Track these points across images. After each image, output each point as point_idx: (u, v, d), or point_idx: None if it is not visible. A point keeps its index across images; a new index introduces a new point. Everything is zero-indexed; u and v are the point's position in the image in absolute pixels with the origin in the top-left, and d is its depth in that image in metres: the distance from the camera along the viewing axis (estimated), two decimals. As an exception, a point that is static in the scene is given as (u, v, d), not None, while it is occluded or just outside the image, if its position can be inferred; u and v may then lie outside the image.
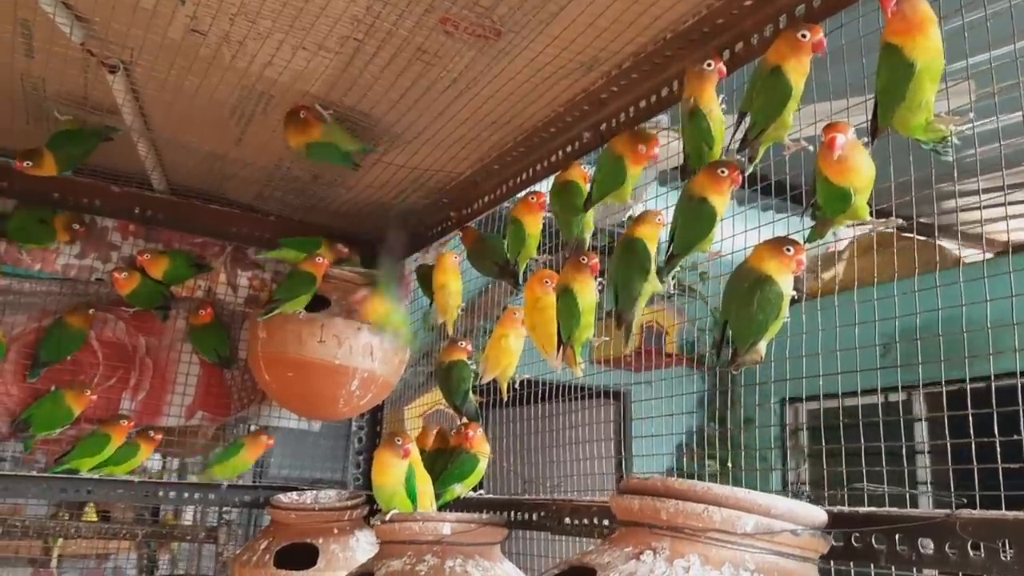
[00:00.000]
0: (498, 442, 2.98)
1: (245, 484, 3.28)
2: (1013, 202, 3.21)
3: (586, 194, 2.05)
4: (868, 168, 1.41)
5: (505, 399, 2.43)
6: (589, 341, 2.05)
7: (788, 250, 1.51)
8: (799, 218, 1.82)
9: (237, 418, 3.30)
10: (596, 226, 2.17)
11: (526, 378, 2.45)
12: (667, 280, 1.85)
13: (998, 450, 1.47)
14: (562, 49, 1.92)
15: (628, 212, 3.55)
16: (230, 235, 3.24)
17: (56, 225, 2.86)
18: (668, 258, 1.76)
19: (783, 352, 1.80)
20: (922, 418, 4.05)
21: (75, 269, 3.05)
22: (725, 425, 5.19)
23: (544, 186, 2.38)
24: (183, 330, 3.16)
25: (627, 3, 1.73)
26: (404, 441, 2.17)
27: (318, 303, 2.84)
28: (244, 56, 2.09)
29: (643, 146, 1.86)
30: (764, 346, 1.56)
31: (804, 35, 1.48)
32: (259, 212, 3.26)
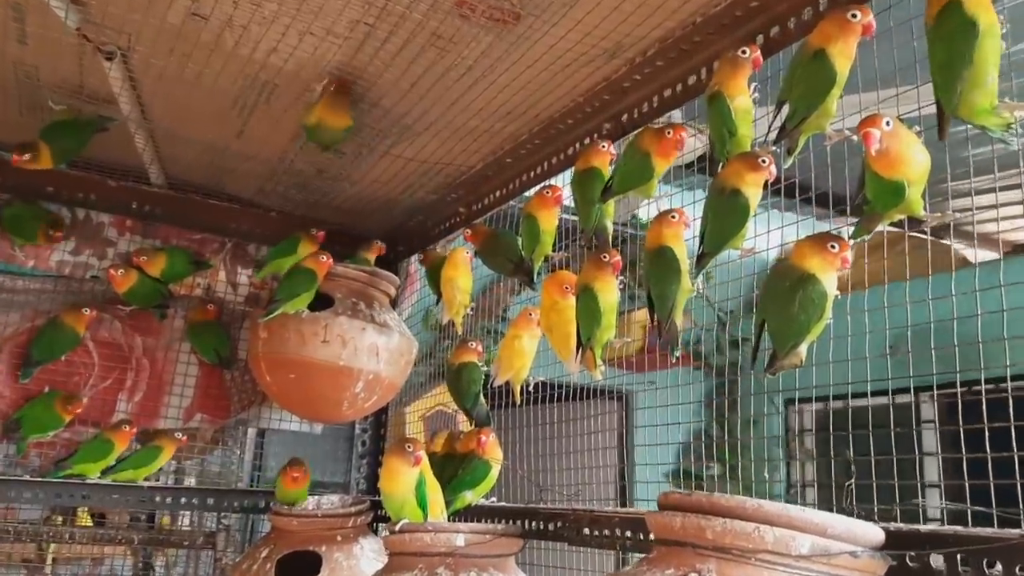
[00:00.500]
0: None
1: (243, 489, 3.19)
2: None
3: (605, 179, 1.96)
4: (921, 158, 1.31)
5: (518, 402, 2.33)
6: (609, 342, 1.95)
7: (832, 247, 1.41)
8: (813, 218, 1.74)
9: (237, 420, 3.20)
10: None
11: (540, 380, 2.35)
12: (695, 280, 1.76)
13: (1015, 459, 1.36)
14: (584, 34, 1.82)
15: (634, 209, 3.46)
16: (230, 231, 3.15)
17: (40, 225, 2.76)
18: (699, 257, 1.66)
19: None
20: (935, 424, 3.95)
21: (70, 266, 2.95)
22: (729, 427, 5.10)
23: (560, 180, 2.28)
24: (181, 329, 3.06)
25: (656, -15, 1.64)
26: (415, 448, 2.06)
27: (322, 302, 2.73)
28: (248, 42, 1.99)
29: (669, 131, 1.75)
30: (805, 349, 1.46)
31: (855, 15, 1.38)
32: (260, 208, 3.17)
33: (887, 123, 1.29)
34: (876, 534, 1.16)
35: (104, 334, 2.96)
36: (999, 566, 1.11)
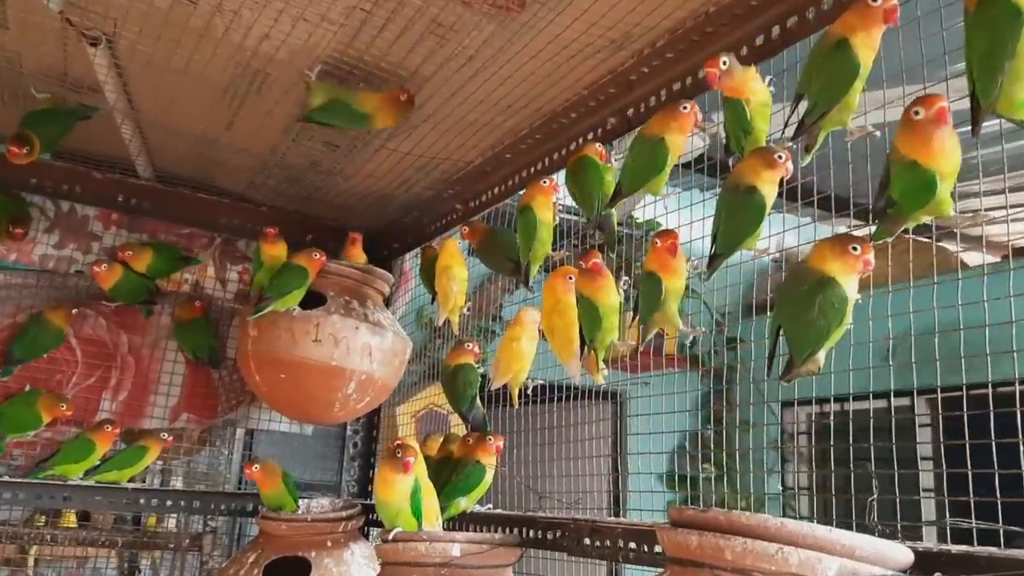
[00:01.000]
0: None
1: (231, 492, 3.10)
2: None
3: (602, 168, 1.90)
4: (957, 153, 1.23)
5: (516, 405, 2.25)
6: (612, 344, 1.88)
7: (854, 249, 1.33)
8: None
9: (224, 420, 3.12)
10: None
11: (539, 383, 2.26)
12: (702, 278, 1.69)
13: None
14: (591, 24, 1.74)
15: (631, 210, 3.38)
16: (219, 226, 3.06)
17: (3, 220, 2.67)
18: (711, 258, 1.58)
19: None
20: (938, 426, 3.89)
21: (53, 260, 2.86)
22: (723, 428, 5.04)
23: (560, 178, 2.19)
24: (168, 327, 2.97)
25: (667, -28, 1.56)
26: (404, 453, 1.95)
27: (313, 300, 2.65)
28: (239, 28, 1.90)
29: (685, 105, 1.67)
30: (823, 356, 1.39)
31: (875, 0, 1.30)
32: (251, 202, 3.09)
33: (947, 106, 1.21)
34: (905, 556, 1.09)
35: (88, 331, 2.87)
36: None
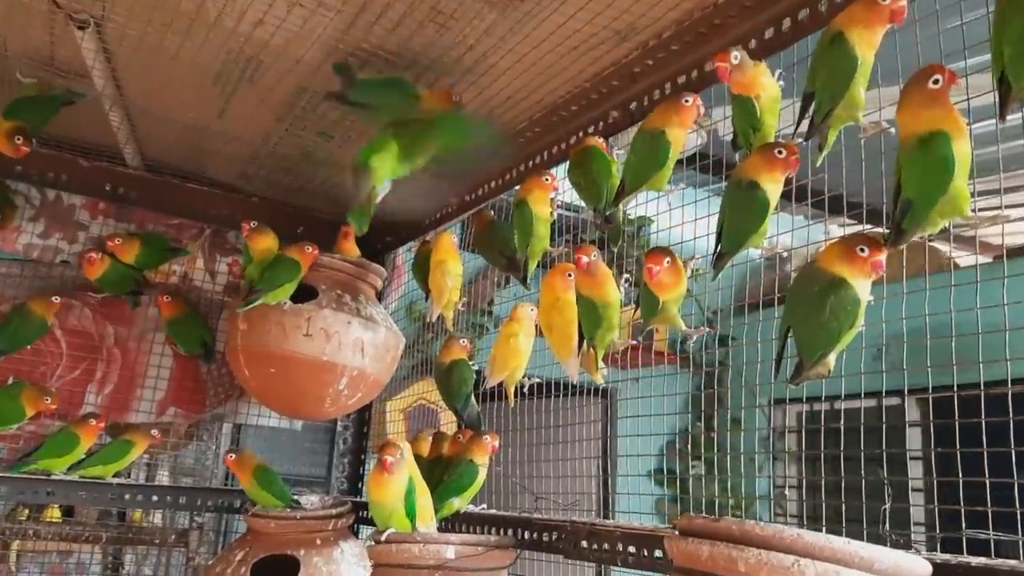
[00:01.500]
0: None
1: (217, 487, 3.05)
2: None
3: (609, 158, 1.85)
4: (969, 149, 1.19)
5: (512, 404, 2.21)
6: (613, 342, 1.83)
7: (862, 250, 1.29)
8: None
9: (212, 415, 3.06)
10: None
11: (536, 381, 2.22)
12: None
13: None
14: (596, 14, 1.69)
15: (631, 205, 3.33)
16: (209, 217, 3.00)
17: None
18: (716, 258, 1.54)
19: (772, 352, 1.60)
20: (930, 426, 3.87)
21: (38, 250, 2.80)
22: (712, 426, 5.02)
23: (559, 172, 2.15)
24: (155, 319, 2.91)
25: (677, -39, 1.51)
26: (384, 451, 1.87)
27: (305, 293, 2.59)
28: (232, 13, 1.85)
29: (687, 98, 1.63)
30: (834, 358, 1.35)
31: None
32: (242, 192, 3.03)
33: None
34: (924, 568, 1.05)
35: (73, 322, 2.81)
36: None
